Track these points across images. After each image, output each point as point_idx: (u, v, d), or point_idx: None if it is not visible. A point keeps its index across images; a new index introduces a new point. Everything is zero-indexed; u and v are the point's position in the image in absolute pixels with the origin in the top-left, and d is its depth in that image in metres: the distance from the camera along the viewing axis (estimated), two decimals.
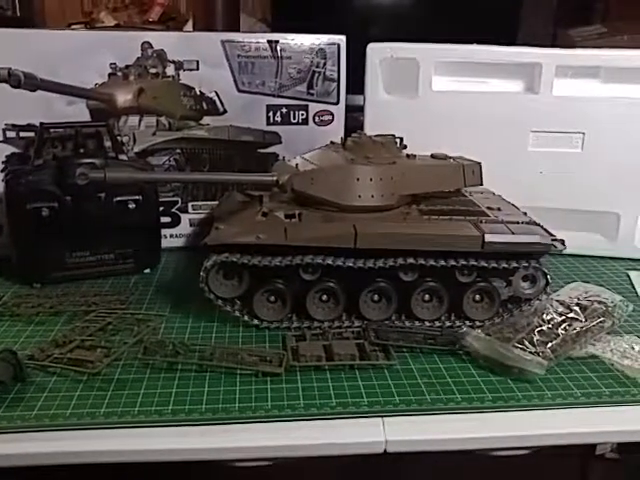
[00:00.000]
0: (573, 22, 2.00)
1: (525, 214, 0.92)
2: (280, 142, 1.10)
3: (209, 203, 1.11)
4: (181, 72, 1.05)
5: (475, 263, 0.83)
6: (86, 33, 1.07)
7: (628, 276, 1.06)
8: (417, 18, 1.77)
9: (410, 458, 0.66)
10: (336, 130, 1.10)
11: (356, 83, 1.11)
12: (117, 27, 2.06)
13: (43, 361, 0.74)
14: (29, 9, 2.26)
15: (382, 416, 0.67)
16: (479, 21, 1.72)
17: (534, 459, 0.74)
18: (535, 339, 0.77)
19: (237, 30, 1.82)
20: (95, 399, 0.69)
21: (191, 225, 1.12)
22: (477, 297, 0.87)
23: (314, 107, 1.10)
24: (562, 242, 0.85)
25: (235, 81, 1.06)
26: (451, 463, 0.73)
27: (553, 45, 1.95)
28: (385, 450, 0.65)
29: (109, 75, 1.03)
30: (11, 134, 1.01)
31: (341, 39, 1.09)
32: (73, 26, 2.10)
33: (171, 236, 1.11)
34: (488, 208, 0.92)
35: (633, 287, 1.02)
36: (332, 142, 0.98)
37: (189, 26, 2.04)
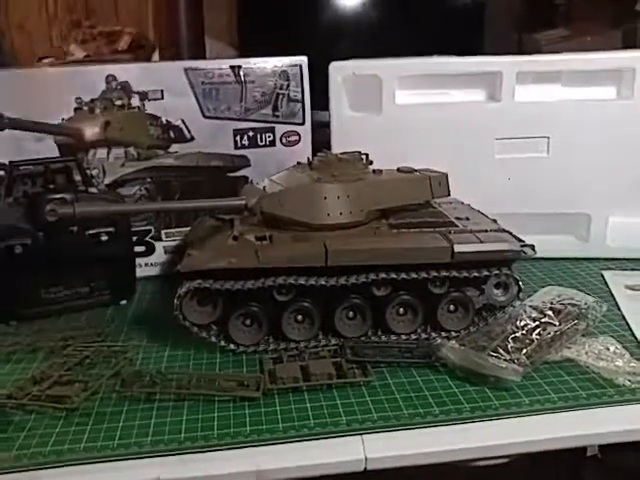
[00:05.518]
0: (538, 25, 2.03)
1: (495, 222, 0.93)
2: (249, 165, 1.10)
3: (182, 230, 1.10)
4: (146, 102, 1.05)
5: (446, 274, 0.83)
6: (51, 70, 1.07)
7: (602, 276, 1.07)
8: (382, 30, 1.78)
9: (391, 474, 0.66)
10: (303, 150, 1.10)
11: (326, 99, 1.12)
12: (87, 58, 2.07)
13: (22, 399, 0.74)
14: (0, 48, 2.27)
15: (361, 434, 0.68)
16: (443, 29, 1.74)
17: (516, 466, 0.74)
18: (509, 346, 0.77)
19: (203, 55, 1.83)
20: (74, 434, 0.68)
21: (166, 253, 1.12)
22: (451, 307, 0.87)
23: (280, 128, 1.10)
24: (532, 247, 0.85)
25: (200, 108, 1.06)
26: (433, 477, 0.73)
27: (519, 49, 1.98)
28: (365, 468, 0.65)
29: (75, 110, 1.03)
30: None
31: (303, 60, 1.09)
32: (43, 60, 2.10)
33: (146, 265, 1.11)
34: (457, 218, 0.92)
35: (607, 286, 1.03)
36: (299, 163, 0.99)
37: (157, 53, 2.05)
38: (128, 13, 2.28)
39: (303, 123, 1.11)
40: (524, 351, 0.77)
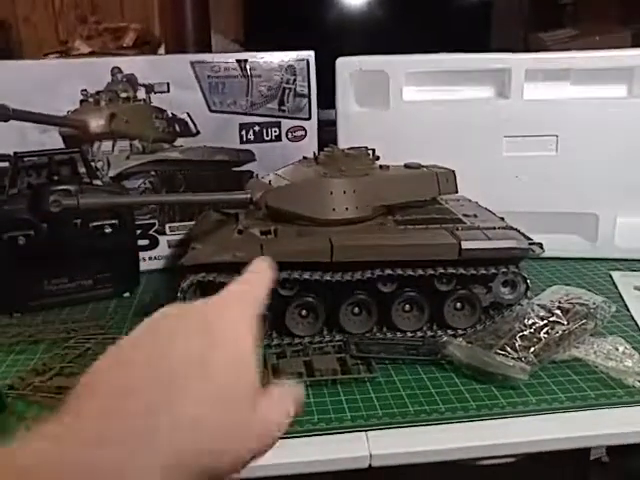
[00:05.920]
0: (545, 25, 2.02)
1: (502, 219, 0.92)
2: (254, 159, 1.10)
3: (186, 224, 1.10)
4: (152, 95, 1.04)
5: (453, 271, 0.82)
6: (57, 62, 1.07)
7: (610, 276, 1.05)
8: (389, 29, 1.77)
9: (395, 471, 0.65)
10: (309, 145, 1.10)
11: (331, 98, 1.11)
12: (92, 54, 2.06)
13: (23, 390, 0.73)
14: (7, 42, 2.28)
15: (366, 430, 0.67)
16: (450, 29, 1.73)
17: (522, 467, 0.73)
18: (517, 344, 0.76)
19: (209, 51, 1.82)
20: None
21: (169, 246, 1.11)
22: (458, 305, 0.86)
23: (286, 123, 1.09)
24: (540, 245, 0.84)
25: (206, 101, 1.06)
26: (438, 475, 0.72)
27: (526, 49, 1.97)
28: (370, 465, 0.64)
29: (81, 102, 1.02)
30: None
31: (310, 55, 1.08)
32: (49, 55, 2.10)
33: (150, 258, 1.10)
34: (464, 215, 0.91)
35: (616, 287, 1.01)
36: (305, 157, 0.98)
37: (163, 49, 2.05)
38: (134, 9, 2.28)
39: (309, 118, 1.10)
40: (532, 349, 0.76)
